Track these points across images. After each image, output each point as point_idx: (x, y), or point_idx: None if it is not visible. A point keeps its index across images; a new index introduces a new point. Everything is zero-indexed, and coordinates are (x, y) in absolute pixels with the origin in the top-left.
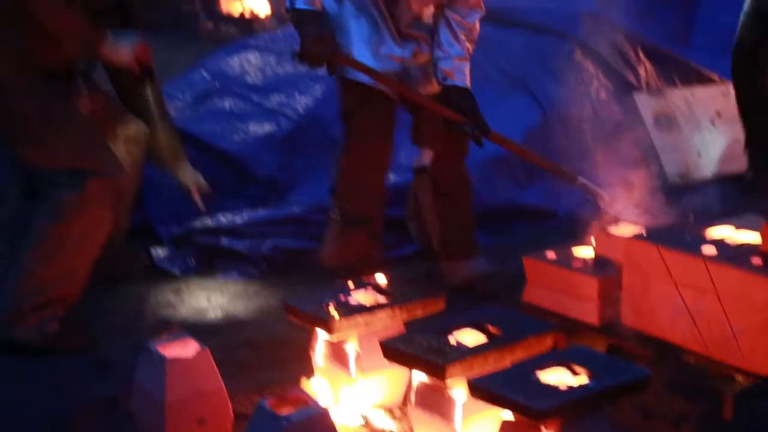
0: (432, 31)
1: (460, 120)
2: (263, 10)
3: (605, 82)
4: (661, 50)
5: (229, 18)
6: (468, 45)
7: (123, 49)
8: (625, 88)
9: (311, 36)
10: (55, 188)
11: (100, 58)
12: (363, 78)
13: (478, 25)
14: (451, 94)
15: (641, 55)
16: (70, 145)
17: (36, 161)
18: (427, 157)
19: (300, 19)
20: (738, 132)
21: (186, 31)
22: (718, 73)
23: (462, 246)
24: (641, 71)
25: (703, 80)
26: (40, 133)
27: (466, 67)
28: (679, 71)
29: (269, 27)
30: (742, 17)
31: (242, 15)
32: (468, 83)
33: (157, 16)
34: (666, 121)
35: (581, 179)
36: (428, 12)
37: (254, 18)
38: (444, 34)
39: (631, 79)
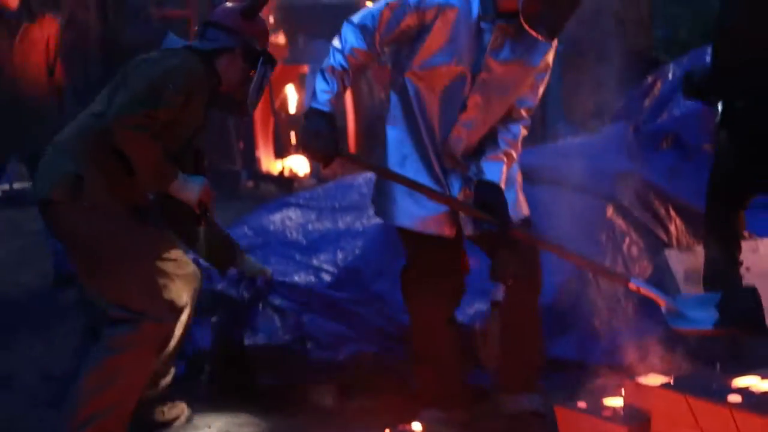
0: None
1: (481, 217)
2: (302, 168)
3: (636, 239)
4: (691, 207)
5: (268, 176)
6: (508, 149)
7: (190, 189)
8: (656, 245)
9: (308, 131)
10: (116, 323)
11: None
12: (408, 223)
13: (521, 133)
14: (479, 190)
15: (672, 212)
16: (140, 286)
17: (104, 293)
18: (500, 291)
19: (306, 115)
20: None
21: (227, 189)
22: (748, 230)
23: (522, 379)
24: (672, 228)
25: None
26: (117, 268)
27: (501, 166)
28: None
29: (308, 185)
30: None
31: (282, 174)
32: (500, 180)
33: None
34: (697, 277)
35: (635, 281)
36: (482, 135)
37: (293, 176)
38: (486, 142)
39: (662, 236)
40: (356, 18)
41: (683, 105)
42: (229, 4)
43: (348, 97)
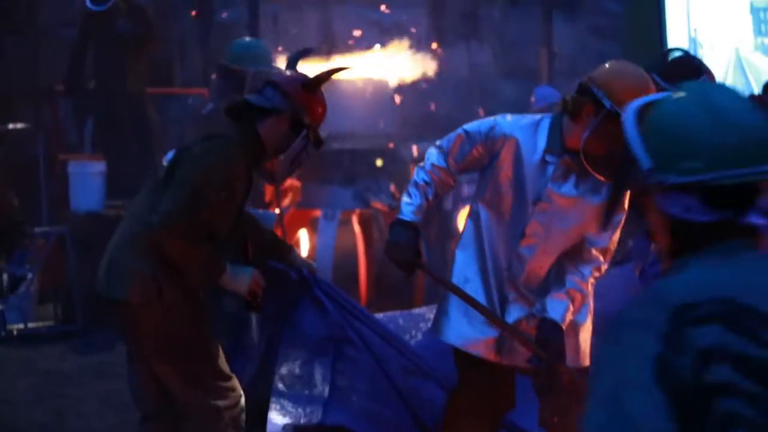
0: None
1: (531, 349)
2: None
3: None
4: None
5: None
6: (575, 290)
7: (240, 280)
8: None
9: (389, 242)
10: (193, 416)
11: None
12: (455, 341)
13: (591, 275)
14: (540, 327)
15: None
16: (214, 372)
17: (183, 380)
18: None
19: (390, 226)
20: None
21: None
22: None
23: None
24: None
25: None
26: (194, 356)
27: (565, 305)
28: None
29: None
30: None
31: None
32: (561, 319)
33: None
34: None
35: None
36: (548, 267)
37: None
38: (553, 280)
39: None
40: (440, 141)
41: None
42: (291, 73)
43: (360, 242)
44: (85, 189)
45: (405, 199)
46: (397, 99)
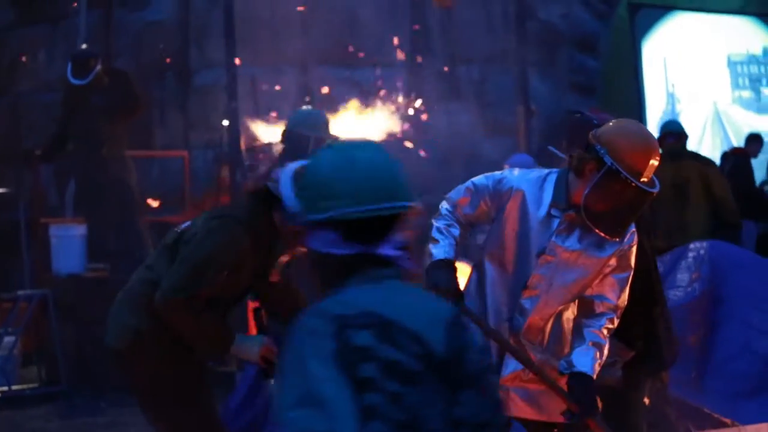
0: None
1: (568, 405)
2: None
3: None
4: (674, 396)
5: None
6: (597, 341)
7: (250, 349)
8: None
9: (428, 285)
10: None
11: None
12: None
13: (606, 325)
14: (571, 383)
15: None
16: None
17: None
18: None
19: (426, 271)
20: None
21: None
22: (731, 418)
23: None
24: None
25: (716, 425)
26: (177, 412)
27: (592, 354)
28: (692, 416)
29: None
30: None
31: None
32: (592, 371)
33: None
34: None
35: None
36: (549, 320)
37: None
38: (574, 338)
39: None
40: (450, 193)
41: (668, 299)
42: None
43: None
44: (67, 252)
45: (431, 247)
46: None
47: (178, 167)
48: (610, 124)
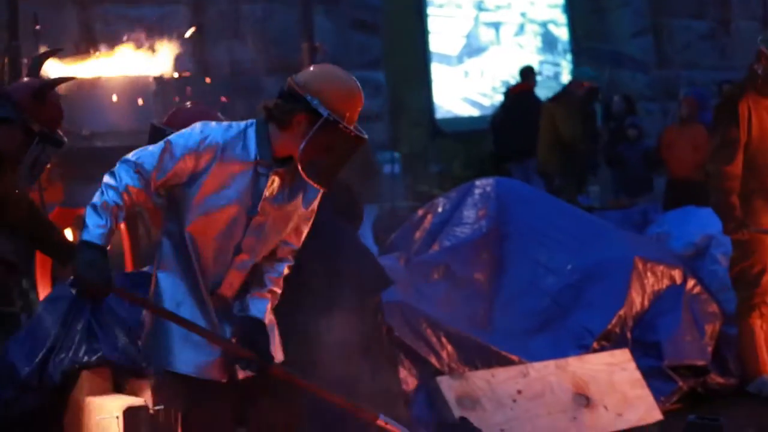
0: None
1: (244, 355)
2: None
3: (409, 366)
4: (462, 334)
5: None
6: (274, 287)
7: None
8: (428, 372)
9: (82, 261)
10: None
11: None
12: (187, 369)
13: (284, 272)
14: (242, 326)
15: (443, 339)
16: None
17: None
18: None
19: (79, 247)
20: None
21: (4, 332)
22: (518, 355)
23: None
24: (444, 355)
25: (504, 362)
26: None
27: (266, 303)
28: (480, 354)
29: None
30: None
31: None
32: (264, 317)
33: None
34: (469, 402)
35: (383, 418)
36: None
37: None
38: (253, 279)
39: (435, 363)
40: (133, 156)
41: (453, 237)
42: (26, 80)
43: (125, 240)
44: None
45: (94, 219)
46: (160, 96)
47: None
48: (312, 70)
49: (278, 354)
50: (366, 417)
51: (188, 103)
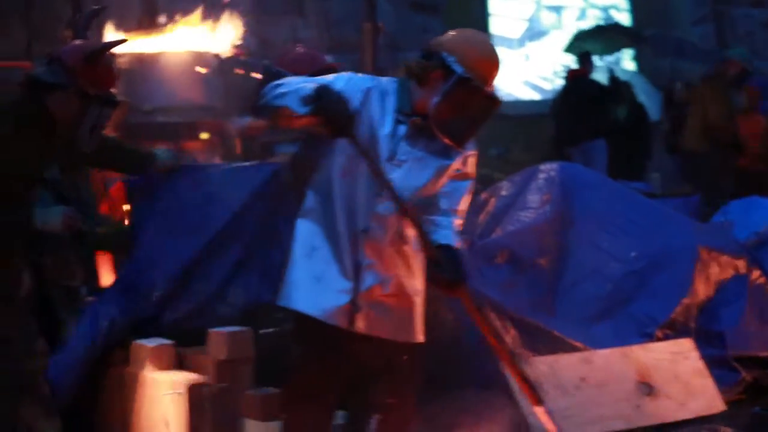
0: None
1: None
2: None
3: None
4: (526, 320)
5: None
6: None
7: (51, 219)
8: None
9: (332, 95)
10: None
11: None
12: (313, 311)
13: (458, 225)
14: (439, 254)
15: (507, 324)
16: None
17: None
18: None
19: (317, 89)
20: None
21: (65, 307)
22: (581, 341)
23: None
24: (507, 340)
25: (567, 348)
26: None
27: (449, 231)
28: (543, 339)
29: None
30: None
31: None
32: (454, 243)
33: None
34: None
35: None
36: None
37: None
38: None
39: None
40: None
41: (517, 221)
42: (77, 43)
43: None
44: None
45: (305, 87)
46: (222, 73)
47: (19, 78)
48: (453, 33)
49: (419, 335)
50: (530, 397)
51: (298, 47)
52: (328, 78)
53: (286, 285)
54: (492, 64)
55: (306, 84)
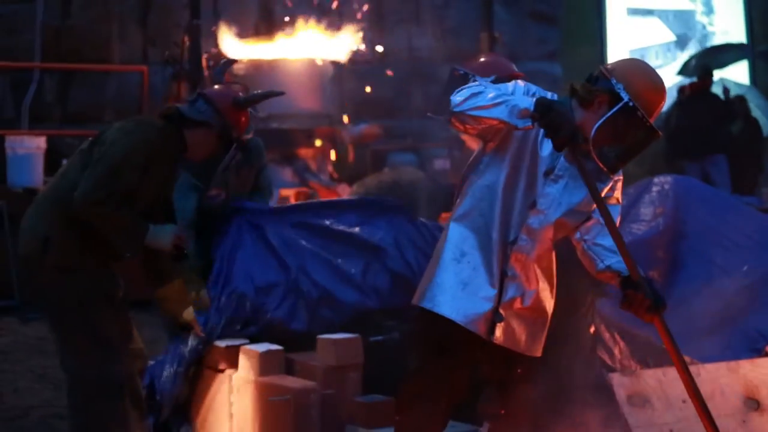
0: None
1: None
2: None
3: None
4: (634, 332)
5: None
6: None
7: (162, 238)
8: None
9: (560, 109)
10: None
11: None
12: (456, 317)
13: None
14: (625, 289)
15: (616, 336)
16: (95, 347)
17: (64, 345)
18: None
19: (542, 102)
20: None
21: None
22: (690, 355)
23: None
24: (616, 352)
25: None
26: (75, 325)
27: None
28: (652, 352)
29: None
30: None
31: None
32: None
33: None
34: (639, 400)
35: None
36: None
37: None
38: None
39: (607, 359)
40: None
41: (630, 233)
42: (222, 87)
43: None
44: (23, 165)
45: (515, 102)
46: (337, 80)
47: (136, 82)
48: (623, 60)
49: (540, 350)
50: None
51: (485, 55)
52: (517, 87)
53: (433, 286)
54: (660, 96)
55: (503, 95)
